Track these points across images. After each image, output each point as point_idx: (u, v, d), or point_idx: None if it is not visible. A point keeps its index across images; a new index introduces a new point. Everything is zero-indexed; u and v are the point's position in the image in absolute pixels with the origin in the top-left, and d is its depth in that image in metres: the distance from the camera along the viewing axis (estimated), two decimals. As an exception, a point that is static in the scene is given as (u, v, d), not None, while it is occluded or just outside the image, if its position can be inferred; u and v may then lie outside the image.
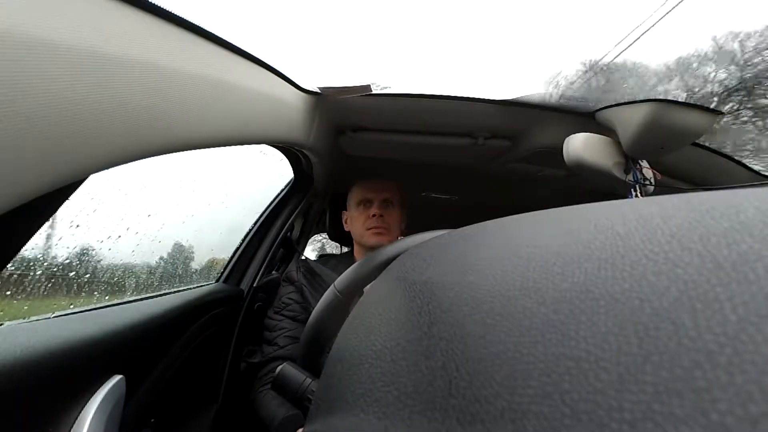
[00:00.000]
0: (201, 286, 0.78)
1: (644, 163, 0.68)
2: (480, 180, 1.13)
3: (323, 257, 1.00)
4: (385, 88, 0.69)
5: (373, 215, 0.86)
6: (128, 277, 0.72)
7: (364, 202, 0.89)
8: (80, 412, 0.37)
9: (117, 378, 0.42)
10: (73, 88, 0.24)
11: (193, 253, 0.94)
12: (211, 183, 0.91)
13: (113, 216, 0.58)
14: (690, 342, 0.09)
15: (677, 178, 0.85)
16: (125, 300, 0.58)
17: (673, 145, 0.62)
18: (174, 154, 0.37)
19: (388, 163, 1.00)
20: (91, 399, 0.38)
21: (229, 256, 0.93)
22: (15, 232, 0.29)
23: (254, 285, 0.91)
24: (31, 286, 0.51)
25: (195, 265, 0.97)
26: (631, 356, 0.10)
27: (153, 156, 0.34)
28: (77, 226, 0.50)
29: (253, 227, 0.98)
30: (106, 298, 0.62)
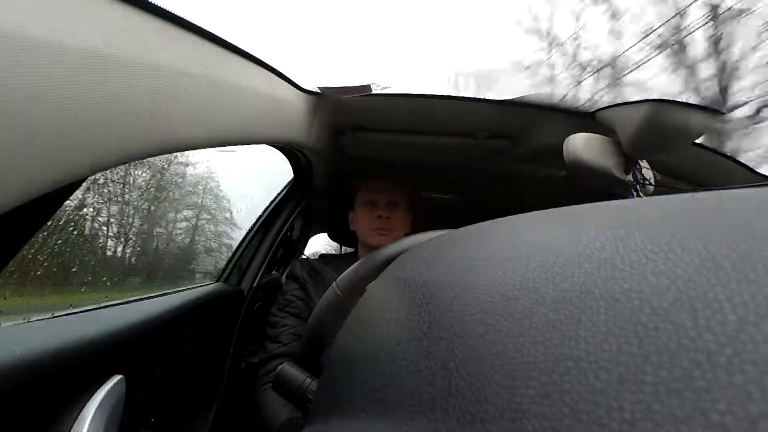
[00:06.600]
0: (201, 286, 0.78)
1: (644, 163, 0.67)
2: (480, 180, 1.13)
3: (325, 257, 1.00)
4: (385, 88, 0.69)
5: (378, 216, 0.87)
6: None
7: (370, 203, 0.90)
8: (80, 412, 0.37)
9: (117, 378, 0.42)
10: (73, 88, 0.24)
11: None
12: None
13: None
14: (690, 342, 0.09)
15: (677, 178, 0.85)
16: (125, 300, 0.58)
17: (673, 145, 0.62)
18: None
19: (388, 163, 1.00)
20: (91, 399, 0.38)
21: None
22: (15, 232, 0.29)
23: (254, 285, 0.91)
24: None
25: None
26: (631, 356, 0.10)
27: (153, 156, 0.34)
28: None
29: (253, 227, 0.98)
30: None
